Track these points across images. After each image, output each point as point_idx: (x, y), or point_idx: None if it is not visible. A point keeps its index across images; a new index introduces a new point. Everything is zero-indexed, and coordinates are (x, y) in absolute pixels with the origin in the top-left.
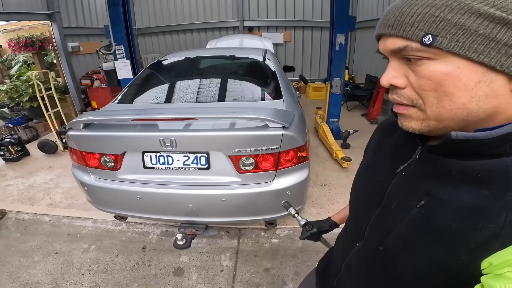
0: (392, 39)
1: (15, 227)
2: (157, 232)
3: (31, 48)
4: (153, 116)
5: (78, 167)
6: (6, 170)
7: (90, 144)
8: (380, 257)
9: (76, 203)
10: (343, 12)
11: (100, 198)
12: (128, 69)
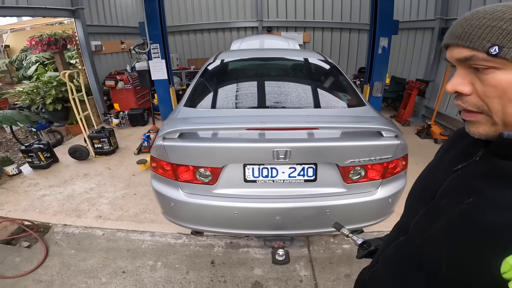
0: (459, 49)
1: (66, 242)
2: (221, 244)
3: (54, 46)
4: (272, 125)
5: (163, 181)
6: (37, 178)
7: (187, 156)
8: (416, 250)
9: (127, 214)
10: (387, 16)
11: (189, 215)
12: (163, 69)
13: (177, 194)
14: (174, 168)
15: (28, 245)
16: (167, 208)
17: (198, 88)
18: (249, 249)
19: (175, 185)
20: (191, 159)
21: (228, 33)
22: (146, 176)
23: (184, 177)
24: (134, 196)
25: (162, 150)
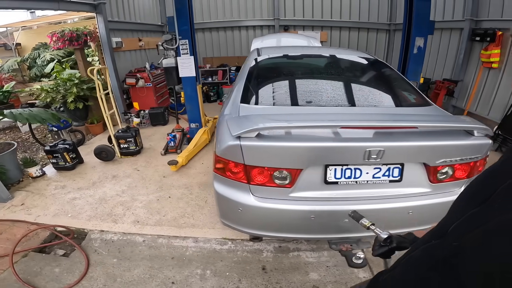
0: None
1: (106, 250)
2: (270, 248)
3: (76, 42)
4: (372, 124)
5: (230, 184)
6: (63, 180)
7: (265, 157)
8: (447, 254)
9: (165, 219)
10: (424, 16)
11: (258, 221)
12: (192, 66)
13: (247, 199)
14: (248, 171)
15: (64, 253)
16: (231, 213)
17: (252, 84)
18: (299, 252)
19: (245, 188)
20: (270, 160)
21: (244, 32)
22: (178, 178)
23: (258, 180)
24: (169, 199)
25: (237, 151)
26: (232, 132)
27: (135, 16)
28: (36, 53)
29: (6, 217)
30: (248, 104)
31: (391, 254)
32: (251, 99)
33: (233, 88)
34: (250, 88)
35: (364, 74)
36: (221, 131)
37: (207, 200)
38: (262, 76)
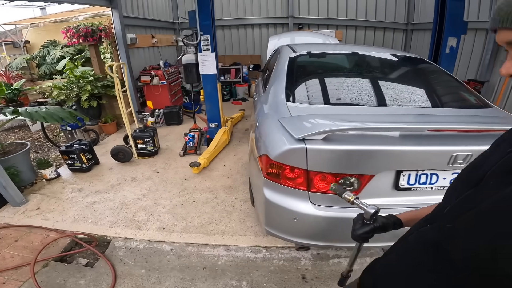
0: (507, 31)
1: (132, 259)
2: (308, 256)
3: (91, 38)
4: (457, 126)
5: (286, 191)
6: (79, 182)
7: (332, 162)
8: (443, 237)
9: (192, 225)
10: (458, 16)
11: (316, 231)
12: (213, 63)
13: (305, 207)
14: (309, 177)
15: (87, 262)
16: (282, 222)
17: (296, 82)
18: (340, 259)
19: (304, 196)
20: (338, 165)
21: (257, 30)
22: (200, 181)
23: (321, 187)
24: (194, 204)
25: (300, 155)
26: (295, 134)
27: (148, 12)
28: (45, 50)
29: (21, 223)
30: (297, 103)
31: (370, 237)
32: (299, 98)
33: (269, 86)
34: (294, 86)
35: (416, 73)
36: (272, 133)
37: (234, 204)
38: (306, 73)
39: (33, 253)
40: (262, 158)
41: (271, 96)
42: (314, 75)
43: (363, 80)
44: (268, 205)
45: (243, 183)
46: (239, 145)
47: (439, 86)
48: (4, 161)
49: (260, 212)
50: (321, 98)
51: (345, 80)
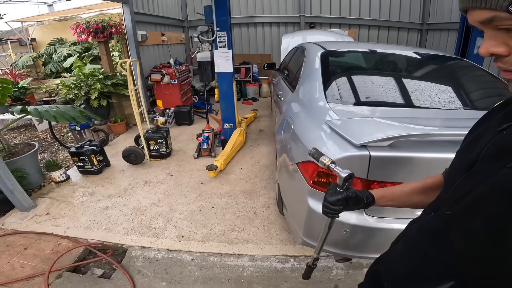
0: (479, 11)
1: (151, 270)
2: (339, 265)
3: (101, 35)
4: None
5: None
6: (90, 185)
7: (398, 171)
8: (442, 225)
9: (213, 233)
10: None
11: (369, 243)
12: (230, 61)
13: (359, 219)
14: (367, 186)
15: (103, 273)
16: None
17: (337, 82)
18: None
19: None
20: (403, 174)
21: (268, 28)
22: (218, 185)
23: None
24: (213, 210)
25: (361, 163)
26: (356, 140)
27: (158, 9)
28: (52, 48)
29: (30, 229)
30: (340, 105)
31: (341, 209)
32: (341, 98)
33: (299, 85)
34: (333, 85)
35: (461, 73)
36: (318, 138)
37: (256, 211)
38: (345, 71)
39: (45, 262)
40: (305, 165)
41: (306, 97)
42: (354, 74)
43: (409, 80)
44: (312, 216)
45: (264, 188)
46: (255, 147)
47: (491, 88)
48: (11, 163)
49: (298, 221)
50: (367, 99)
51: (390, 80)
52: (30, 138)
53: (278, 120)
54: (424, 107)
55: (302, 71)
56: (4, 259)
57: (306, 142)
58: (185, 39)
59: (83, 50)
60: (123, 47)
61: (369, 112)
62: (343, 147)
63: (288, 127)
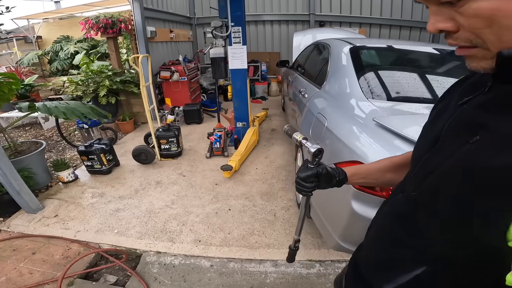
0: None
1: (168, 277)
2: None
3: (110, 30)
4: None
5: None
6: (100, 186)
7: None
8: (408, 206)
9: (231, 237)
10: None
11: None
12: (244, 57)
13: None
14: None
15: (116, 280)
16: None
17: (374, 78)
18: None
19: None
20: None
21: (277, 26)
22: (233, 186)
23: None
24: (229, 213)
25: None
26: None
27: (167, 5)
28: (58, 46)
29: (38, 232)
30: (382, 101)
31: (314, 187)
32: (384, 95)
33: (327, 82)
34: (370, 81)
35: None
36: (366, 136)
37: (276, 213)
38: (381, 67)
39: (55, 268)
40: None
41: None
42: (389, 70)
43: (447, 78)
44: (355, 219)
45: (281, 189)
46: (269, 147)
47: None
48: (17, 162)
49: (334, 225)
50: (407, 95)
51: (426, 76)
52: (36, 137)
53: (300, 117)
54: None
55: (329, 67)
56: (11, 265)
57: (349, 141)
58: (192, 36)
59: (90, 47)
60: (132, 43)
61: (413, 108)
62: (400, 147)
63: (319, 125)
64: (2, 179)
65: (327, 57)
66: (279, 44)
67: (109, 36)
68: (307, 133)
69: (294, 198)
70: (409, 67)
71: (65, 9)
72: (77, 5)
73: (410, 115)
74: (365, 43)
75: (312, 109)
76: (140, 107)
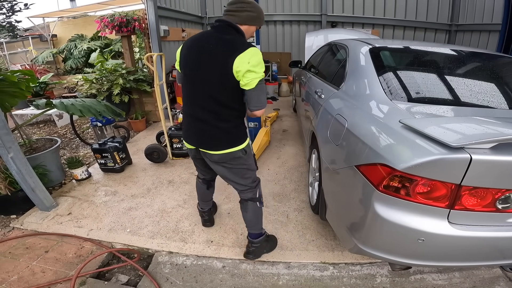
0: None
1: (180, 278)
2: (383, 272)
3: (125, 29)
4: None
5: (410, 208)
6: (113, 184)
7: (501, 176)
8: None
9: (244, 238)
10: None
11: (448, 252)
12: None
13: (439, 226)
14: (458, 193)
15: (128, 280)
16: (394, 242)
17: (397, 78)
18: (423, 275)
19: (440, 214)
20: (506, 180)
21: (288, 27)
22: None
23: (471, 204)
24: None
25: (457, 167)
26: (451, 141)
27: (180, 4)
28: (72, 44)
29: (51, 230)
30: (409, 103)
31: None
32: (407, 96)
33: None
34: (392, 82)
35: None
36: (391, 137)
37: (288, 215)
38: (404, 69)
39: (67, 267)
40: (371, 169)
41: (358, 94)
42: (411, 70)
43: (472, 80)
44: (379, 223)
45: (294, 191)
46: (280, 147)
47: None
48: (32, 159)
49: (353, 227)
50: (432, 96)
51: (450, 77)
52: (50, 134)
53: (316, 118)
54: (503, 108)
55: (347, 68)
56: (24, 263)
57: (373, 142)
58: None
59: (103, 46)
60: (145, 42)
61: (439, 110)
62: (430, 149)
63: (338, 126)
64: (17, 176)
65: (345, 57)
66: (290, 44)
67: (124, 34)
68: (324, 134)
69: (307, 199)
70: (431, 68)
71: (80, 7)
72: (91, 4)
73: (438, 117)
74: (384, 44)
75: (330, 110)
76: (152, 106)
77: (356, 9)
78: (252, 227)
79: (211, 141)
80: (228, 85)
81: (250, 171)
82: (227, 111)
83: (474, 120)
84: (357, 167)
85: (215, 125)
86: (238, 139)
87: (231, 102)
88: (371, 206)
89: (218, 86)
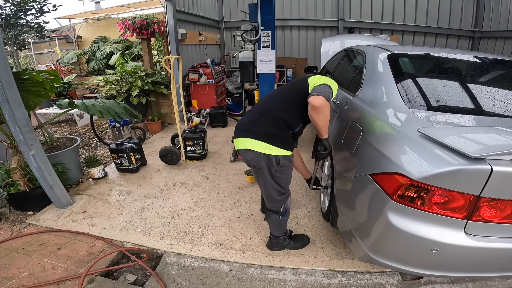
0: None
1: (186, 280)
2: (393, 282)
3: (145, 31)
4: None
5: (426, 218)
6: (127, 184)
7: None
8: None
9: (252, 243)
10: None
11: (461, 262)
12: (272, 62)
13: (455, 237)
14: (476, 204)
15: (135, 279)
16: (405, 251)
17: (416, 86)
18: (434, 285)
19: (457, 225)
20: None
21: (304, 32)
22: (256, 191)
23: (489, 215)
24: (252, 218)
25: (476, 178)
26: (472, 151)
27: (197, 8)
28: (95, 46)
29: (66, 227)
30: (428, 112)
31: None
32: (427, 105)
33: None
34: (414, 90)
35: None
36: (409, 147)
37: (299, 221)
38: (424, 76)
39: (78, 264)
40: (386, 178)
41: (375, 101)
42: (432, 78)
43: (497, 89)
44: (391, 232)
45: (305, 197)
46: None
47: None
48: (52, 157)
49: (364, 236)
50: (453, 105)
51: (472, 86)
52: (71, 133)
53: (331, 125)
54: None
55: (364, 75)
56: (36, 259)
57: (389, 151)
58: (220, 40)
59: (124, 48)
60: (163, 45)
61: (459, 120)
62: (449, 159)
63: (353, 133)
64: (37, 173)
65: (362, 64)
66: (306, 49)
67: (143, 37)
68: (338, 141)
69: (318, 206)
70: (453, 75)
71: (104, 9)
72: (115, 6)
73: (458, 126)
74: (404, 50)
75: (345, 117)
76: (168, 108)
77: (375, 14)
78: (273, 230)
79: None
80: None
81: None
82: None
83: (496, 130)
84: (372, 175)
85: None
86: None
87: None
88: (384, 215)
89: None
